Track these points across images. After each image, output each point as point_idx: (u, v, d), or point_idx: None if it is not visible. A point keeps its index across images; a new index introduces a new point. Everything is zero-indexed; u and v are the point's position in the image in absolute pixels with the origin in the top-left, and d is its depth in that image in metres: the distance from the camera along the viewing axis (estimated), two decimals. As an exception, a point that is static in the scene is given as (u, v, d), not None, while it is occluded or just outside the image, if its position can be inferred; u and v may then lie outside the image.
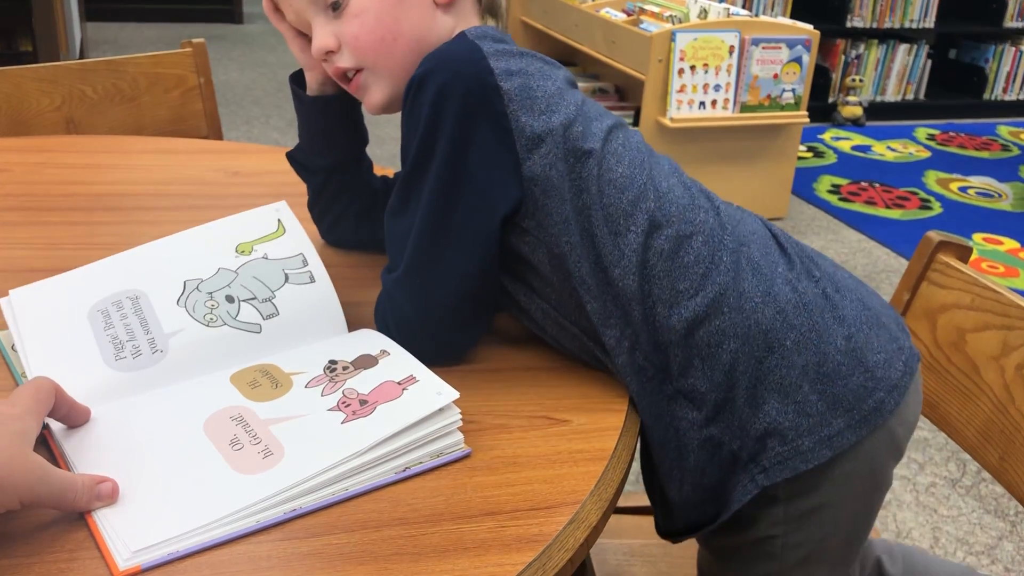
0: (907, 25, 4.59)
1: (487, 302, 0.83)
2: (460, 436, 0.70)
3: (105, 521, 0.59)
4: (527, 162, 0.77)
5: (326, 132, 0.95)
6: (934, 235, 1.00)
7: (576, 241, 0.77)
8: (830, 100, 4.55)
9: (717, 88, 3.00)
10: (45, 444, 0.67)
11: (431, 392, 0.70)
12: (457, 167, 0.77)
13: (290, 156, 0.99)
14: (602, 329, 0.78)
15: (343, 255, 1.02)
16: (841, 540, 0.84)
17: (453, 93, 0.76)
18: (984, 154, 4.18)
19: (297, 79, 0.94)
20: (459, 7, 0.86)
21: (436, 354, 0.79)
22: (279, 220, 0.89)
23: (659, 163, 0.83)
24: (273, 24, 0.90)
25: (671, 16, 3.06)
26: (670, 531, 0.89)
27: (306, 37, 0.88)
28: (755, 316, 0.77)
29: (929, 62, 4.71)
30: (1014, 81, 4.84)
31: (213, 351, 0.77)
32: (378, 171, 1.05)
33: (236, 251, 0.86)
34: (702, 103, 2.99)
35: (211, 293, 0.82)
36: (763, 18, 3.10)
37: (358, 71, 0.84)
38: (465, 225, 0.78)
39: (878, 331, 0.81)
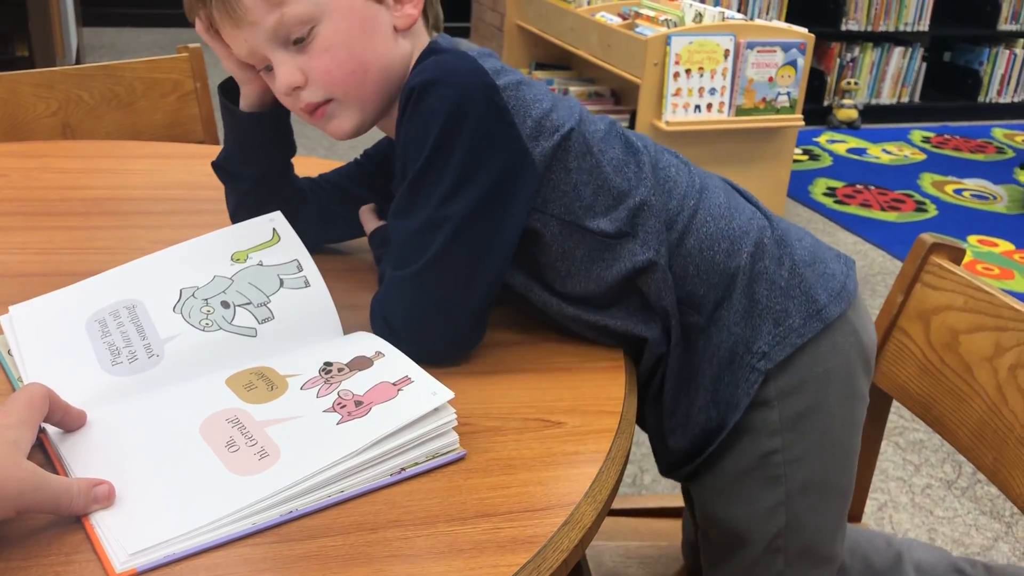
0: (902, 28, 4.61)
1: (495, 298, 0.85)
2: (455, 436, 0.70)
3: (102, 524, 0.59)
4: (535, 150, 0.82)
5: (258, 145, 0.95)
6: (927, 237, 1.00)
7: (588, 196, 0.83)
8: (825, 103, 4.56)
9: (712, 91, 3.00)
10: (42, 448, 0.67)
11: (426, 393, 0.70)
12: (481, 171, 0.79)
13: (216, 165, 0.98)
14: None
15: (338, 260, 1.03)
16: (837, 457, 0.90)
17: (469, 99, 0.78)
18: (979, 156, 4.19)
19: (225, 90, 0.93)
20: (413, 29, 0.87)
21: (443, 353, 0.81)
22: (274, 229, 0.90)
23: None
24: (206, 42, 0.88)
25: (666, 20, 3.07)
26: (674, 463, 0.93)
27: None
28: (735, 222, 0.88)
29: (924, 65, 4.72)
30: (1008, 83, 4.86)
31: (209, 355, 0.77)
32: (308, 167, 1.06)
33: (231, 259, 0.86)
34: (697, 106, 3.00)
35: (207, 299, 0.82)
36: (758, 22, 3.11)
37: (327, 102, 0.84)
38: (498, 226, 0.81)
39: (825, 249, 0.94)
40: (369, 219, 0.97)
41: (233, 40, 0.84)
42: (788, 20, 4.04)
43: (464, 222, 0.79)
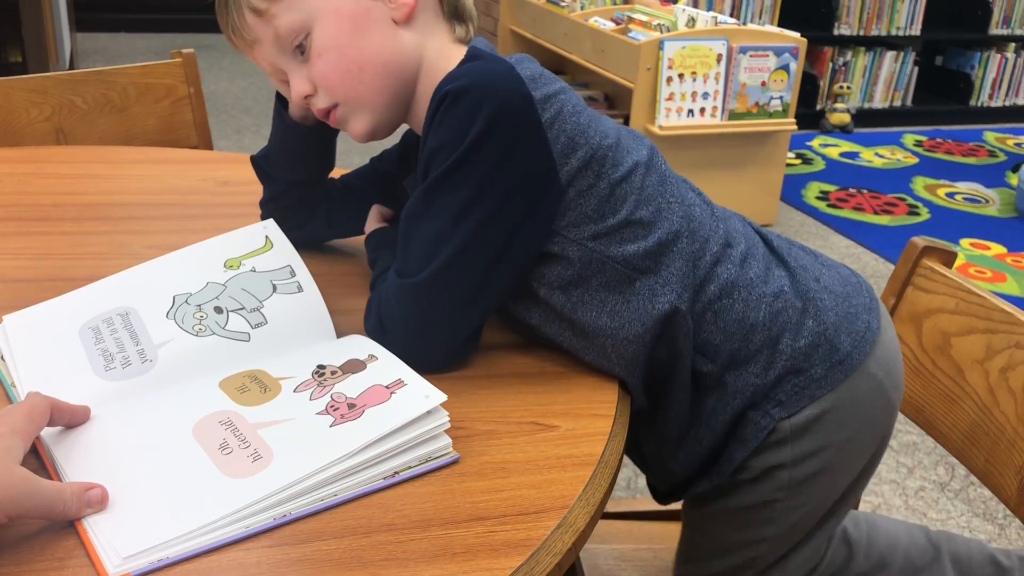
0: (894, 32, 4.63)
1: (489, 317, 0.85)
2: (448, 440, 0.70)
3: (95, 528, 0.60)
4: (563, 168, 0.79)
5: (299, 154, 0.96)
6: (919, 240, 1.01)
7: (614, 223, 0.80)
8: (818, 107, 4.57)
9: (705, 96, 3.01)
10: (35, 453, 0.67)
11: (419, 395, 0.71)
12: (502, 188, 0.77)
13: (255, 161, 1.00)
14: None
15: (331, 265, 1.03)
16: (831, 501, 0.89)
17: (503, 109, 0.76)
18: (971, 160, 4.21)
19: (283, 97, 0.94)
20: (420, 20, 0.85)
21: (434, 364, 0.80)
22: (267, 236, 0.90)
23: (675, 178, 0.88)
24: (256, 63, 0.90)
25: (659, 25, 3.08)
26: (671, 492, 0.92)
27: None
28: (752, 271, 0.84)
29: (916, 69, 4.74)
30: (1000, 87, 4.88)
31: (202, 359, 0.78)
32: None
33: (224, 266, 0.87)
34: (690, 111, 3.01)
35: (200, 305, 0.82)
36: (751, 26, 3.12)
37: (336, 106, 0.85)
38: (515, 247, 0.79)
39: (852, 287, 0.91)
40: (372, 218, 0.98)
41: (258, 60, 0.87)
42: (780, 24, 4.05)
43: (476, 237, 0.77)
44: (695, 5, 4.17)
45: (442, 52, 0.85)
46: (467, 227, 0.77)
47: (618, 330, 0.81)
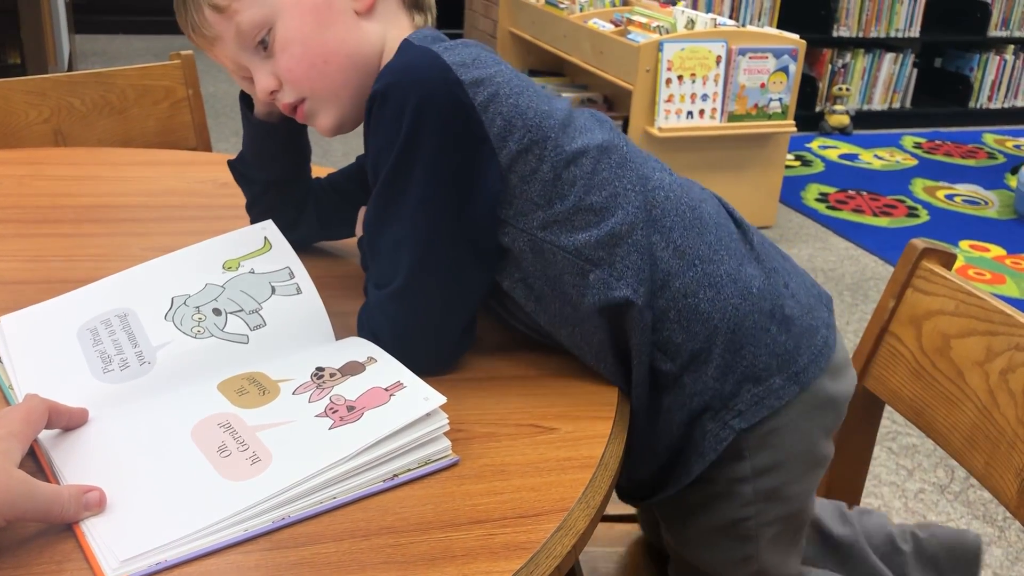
0: (893, 34, 4.63)
1: (477, 307, 0.84)
2: (447, 442, 0.70)
3: (93, 531, 0.59)
4: (502, 152, 0.77)
5: (270, 153, 0.96)
6: (919, 242, 1.00)
7: (562, 211, 0.78)
8: (817, 109, 4.58)
9: (704, 98, 3.01)
10: (32, 456, 0.67)
11: (418, 397, 0.70)
12: (445, 177, 0.77)
13: (231, 165, 1.00)
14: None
15: (329, 266, 1.03)
16: (801, 510, 0.89)
17: (428, 99, 0.75)
18: (970, 162, 4.21)
19: (247, 98, 0.94)
20: (381, 11, 0.85)
21: (435, 365, 0.80)
22: (265, 237, 0.90)
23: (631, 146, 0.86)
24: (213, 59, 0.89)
25: (658, 26, 3.08)
26: (633, 494, 0.91)
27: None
28: (724, 267, 0.82)
29: (915, 71, 4.74)
30: (999, 89, 4.88)
31: (201, 362, 0.77)
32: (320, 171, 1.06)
33: (223, 267, 0.86)
34: (690, 113, 3.01)
35: (198, 307, 0.82)
36: (750, 28, 3.12)
37: (303, 101, 0.84)
38: (471, 231, 0.78)
39: (809, 288, 0.90)
40: (361, 222, 0.97)
41: (219, 58, 0.86)
42: (780, 26, 4.05)
43: (435, 233, 0.77)
44: (694, 7, 4.17)
45: (397, 43, 0.84)
46: (423, 225, 0.77)
47: (581, 322, 0.80)
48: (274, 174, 0.98)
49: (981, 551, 1.02)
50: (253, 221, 1.01)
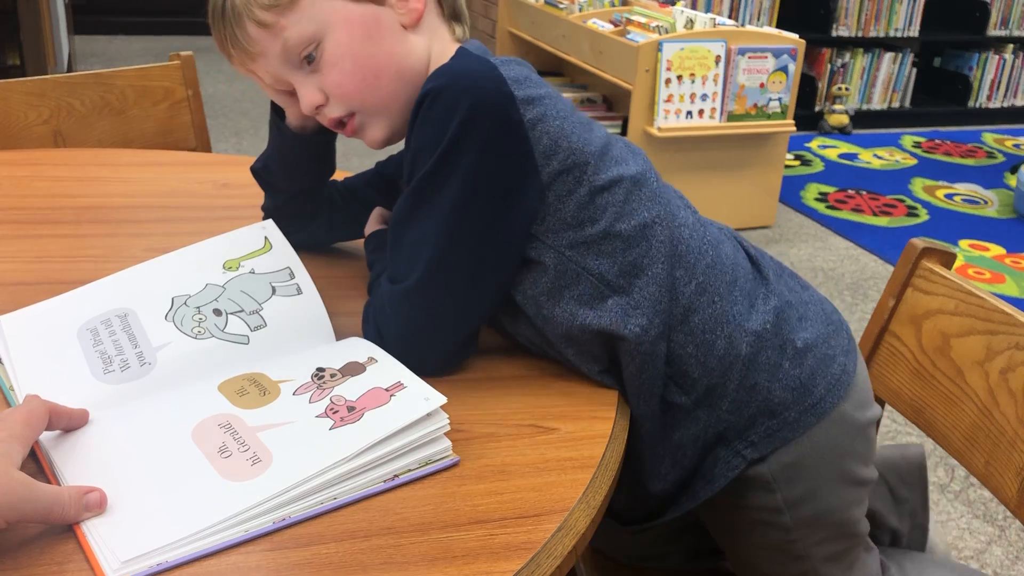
0: (892, 34, 4.63)
1: (486, 318, 0.84)
2: (448, 443, 0.70)
3: (94, 531, 0.59)
4: (544, 170, 0.78)
5: (299, 164, 0.96)
6: (918, 242, 1.00)
7: (593, 234, 0.79)
8: (816, 109, 4.58)
9: (704, 97, 3.01)
10: (33, 456, 0.67)
11: (419, 398, 0.70)
12: (482, 185, 0.77)
13: (255, 172, 0.99)
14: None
15: (330, 267, 1.03)
16: (850, 523, 0.89)
17: (481, 106, 0.76)
18: (969, 161, 4.21)
19: (278, 107, 0.94)
20: (425, 23, 0.85)
21: (434, 368, 0.80)
22: (266, 237, 0.90)
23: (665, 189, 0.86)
24: (245, 75, 0.88)
25: (657, 26, 3.08)
26: (634, 519, 0.91)
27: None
28: (738, 305, 0.83)
29: (914, 70, 4.74)
30: (998, 88, 4.88)
31: (201, 363, 0.77)
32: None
33: (223, 267, 0.86)
34: (689, 112, 3.01)
35: (199, 307, 0.82)
36: (749, 28, 3.12)
37: (351, 115, 0.84)
38: (500, 243, 0.79)
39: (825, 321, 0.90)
40: (373, 220, 0.97)
41: (258, 71, 0.85)
42: (779, 26, 4.05)
43: (463, 236, 0.77)
44: (693, 7, 4.17)
45: (444, 53, 0.85)
46: (452, 227, 0.77)
47: (588, 344, 0.81)
48: (299, 184, 0.98)
49: (925, 462, 1.05)
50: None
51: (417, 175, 0.78)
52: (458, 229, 0.77)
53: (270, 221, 0.92)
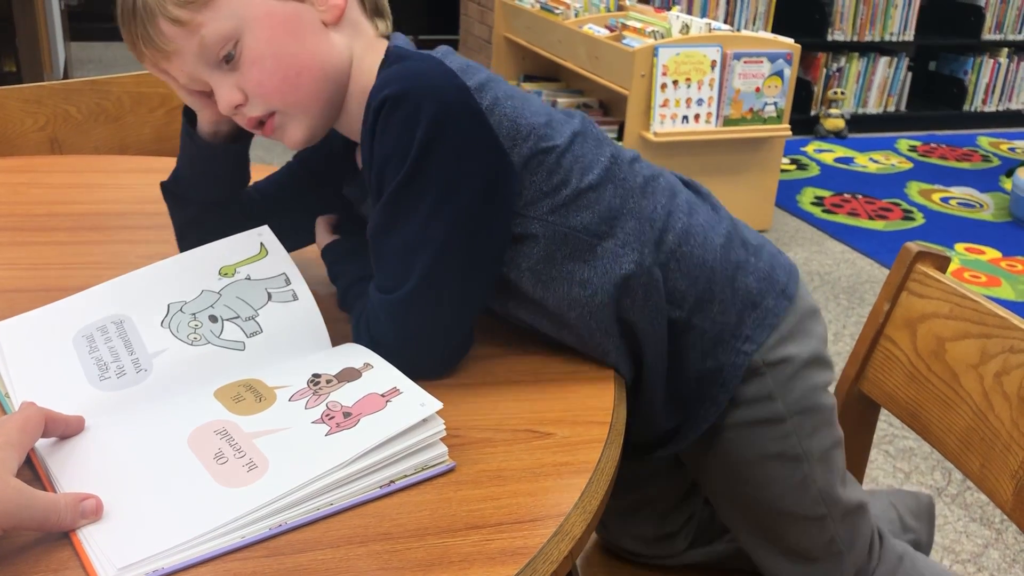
0: (887, 38, 4.64)
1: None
2: (444, 448, 0.70)
3: (90, 538, 0.59)
4: (512, 152, 0.81)
5: (214, 172, 0.94)
6: (913, 246, 1.01)
7: (567, 195, 0.82)
8: (812, 113, 4.58)
9: (700, 102, 3.02)
10: (29, 464, 0.67)
11: (415, 403, 0.70)
12: (462, 182, 0.78)
13: (165, 187, 0.96)
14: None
15: (325, 273, 1.02)
16: (831, 418, 0.95)
17: (445, 106, 0.77)
18: (965, 165, 4.22)
19: (191, 115, 0.91)
20: (346, 20, 0.84)
21: (437, 369, 0.82)
22: (261, 243, 0.90)
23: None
24: (158, 77, 0.86)
25: (653, 31, 3.09)
26: (648, 442, 0.95)
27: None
28: (700, 217, 0.89)
29: (909, 74, 4.76)
30: (993, 92, 4.89)
31: (197, 369, 0.77)
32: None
33: (219, 274, 0.86)
34: (685, 117, 3.02)
35: (194, 314, 0.82)
36: (744, 33, 3.13)
37: (271, 115, 0.83)
38: (488, 236, 0.81)
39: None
40: (322, 231, 0.96)
41: (172, 71, 0.82)
42: (774, 31, 4.06)
43: (451, 239, 0.78)
44: (689, 12, 4.18)
45: (368, 50, 0.85)
46: (437, 230, 0.78)
47: (591, 298, 0.83)
48: (215, 195, 0.95)
49: (934, 507, 1.14)
50: (184, 248, 0.97)
51: (390, 184, 0.78)
52: (445, 229, 0.78)
53: (266, 228, 0.92)
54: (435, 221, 0.77)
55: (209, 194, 0.95)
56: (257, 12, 0.79)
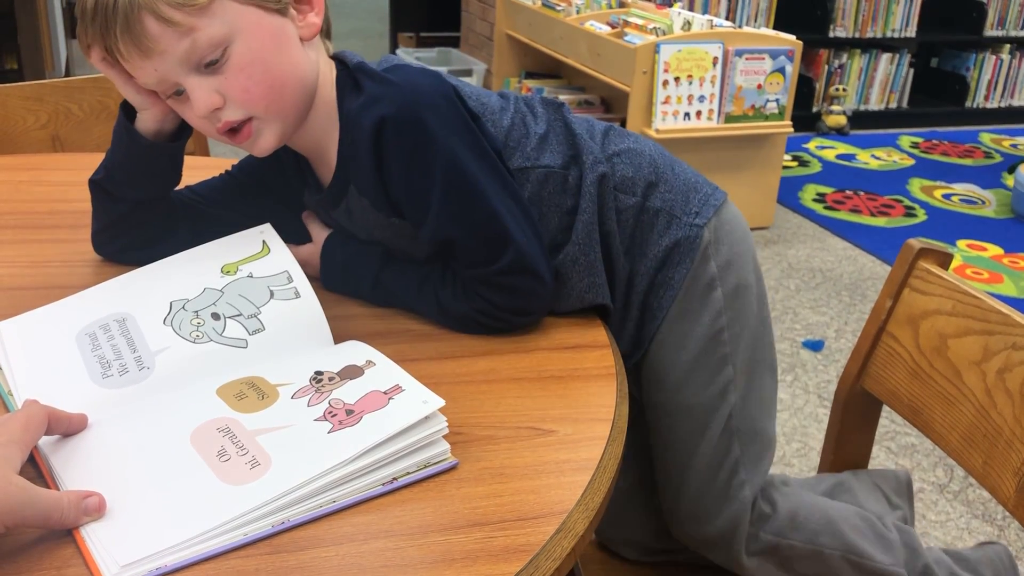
0: (889, 34, 4.63)
1: None
2: (446, 445, 0.70)
3: (93, 536, 0.59)
4: (493, 126, 0.92)
5: (151, 171, 0.94)
6: (915, 243, 1.01)
7: (529, 147, 0.94)
8: (814, 109, 4.58)
9: (701, 99, 3.02)
10: (32, 461, 0.67)
11: (417, 401, 0.71)
12: (484, 153, 0.88)
13: (93, 183, 0.96)
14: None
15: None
16: (762, 331, 1.02)
17: (449, 117, 0.86)
18: (967, 161, 4.22)
19: (130, 111, 0.91)
20: (315, 38, 0.89)
21: (543, 313, 0.93)
22: (264, 241, 0.90)
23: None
24: (102, 71, 0.86)
25: (655, 28, 3.08)
26: (626, 350, 1.00)
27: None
28: (632, 136, 1.00)
29: (911, 71, 4.75)
30: (995, 89, 4.88)
31: (199, 367, 0.77)
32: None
33: (221, 271, 0.86)
34: (687, 114, 3.01)
35: (197, 311, 0.82)
36: (746, 29, 3.13)
37: (248, 121, 0.84)
38: (516, 188, 0.90)
39: None
40: (318, 227, 0.99)
41: (141, 70, 0.82)
42: (776, 27, 4.06)
43: (501, 199, 0.87)
44: (691, 8, 4.17)
45: (327, 67, 0.90)
46: (489, 200, 0.87)
47: (578, 222, 0.92)
48: (148, 193, 0.95)
49: (911, 481, 1.17)
50: (102, 242, 0.99)
51: (436, 191, 0.86)
52: (495, 196, 0.87)
53: (267, 225, 0.92)
54: (487, 192, 0.86)
55: (142, 192, 0.95)
56: (248, 21, 0.81)
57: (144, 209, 0.96)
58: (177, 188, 1.00)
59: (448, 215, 0.87)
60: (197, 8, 0.78)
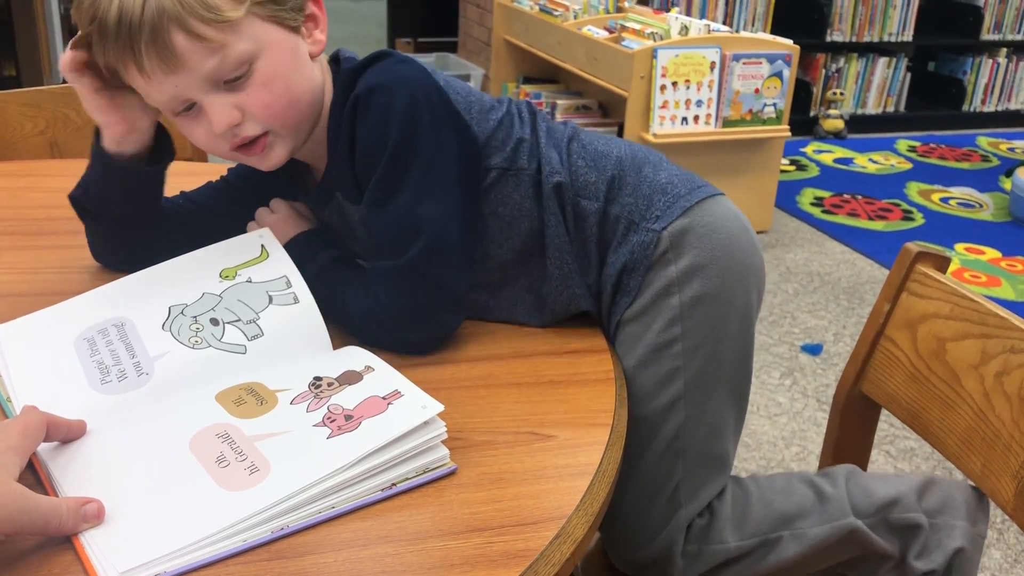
0: (886, 38, 4.64)
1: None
2: (445, 451, 0.70)
3: (92, 542, 0.59)
4: (473, 125, 0.92)
5: (125, 190, 0.94)
6: (912, 246, 1.01)
7: (505, 148, 0.93)
8: (811, 114, 4.58)
9: (699, 104, 3.02)
10: (31, 468, 0.67)
11: (416, 406, 0.71)
12: (445, 151, 0.87)
13: (74, 198, 0.96)
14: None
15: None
16: (732, 351, 0.96)
17: (422, 91, 0.86)
18: (964, 165, 4.22)
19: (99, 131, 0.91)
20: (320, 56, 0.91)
21: (438, 331, 0.88)
22: (262, 246, 0.90)
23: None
24: (70, 81, 0.85)
25: (652, 33, 3.09)
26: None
27: (107, 95, 0.86)
28: (602, 136, 0.99)
29: (908, 75, 4.75)
30: (992, 92, 4.89)
31: (198, 372, 0.77)
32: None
33: (220, 276, 0.86)
34: (684, 119, 3.02)
35: (196, 317, 0.82)
36: (743, 34, 3.13)
37: (263, 134, 0.84)
38: (472, 196, 0.90)
39: None
40: (290, 225, 0.97)
41: (159, 85, 0.80)
42: (773, 32, 4.06)
43: (442, 203, 0.86)
44: (688, 13, 4.18)
45: (328, 82, 0.91)
46: (430, 197, 0.86)
47: (545, 226, 0.92)
48: (123, 210, 0.95)
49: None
50: (99, 253, 1.00)
51: (380, 161, 0.85)
52: (439, 197, 0.86)
53: (267, 229, 0.92)
54: (425, 188, 0.85)
55: (119, 209, 0.95)
56: (272, 38, 0.82)
57: (132, 223, 0.96)
58: (172, 195, 1.00)
59: (380, 188, 0.86)
60: (228, 25, 0.78)
